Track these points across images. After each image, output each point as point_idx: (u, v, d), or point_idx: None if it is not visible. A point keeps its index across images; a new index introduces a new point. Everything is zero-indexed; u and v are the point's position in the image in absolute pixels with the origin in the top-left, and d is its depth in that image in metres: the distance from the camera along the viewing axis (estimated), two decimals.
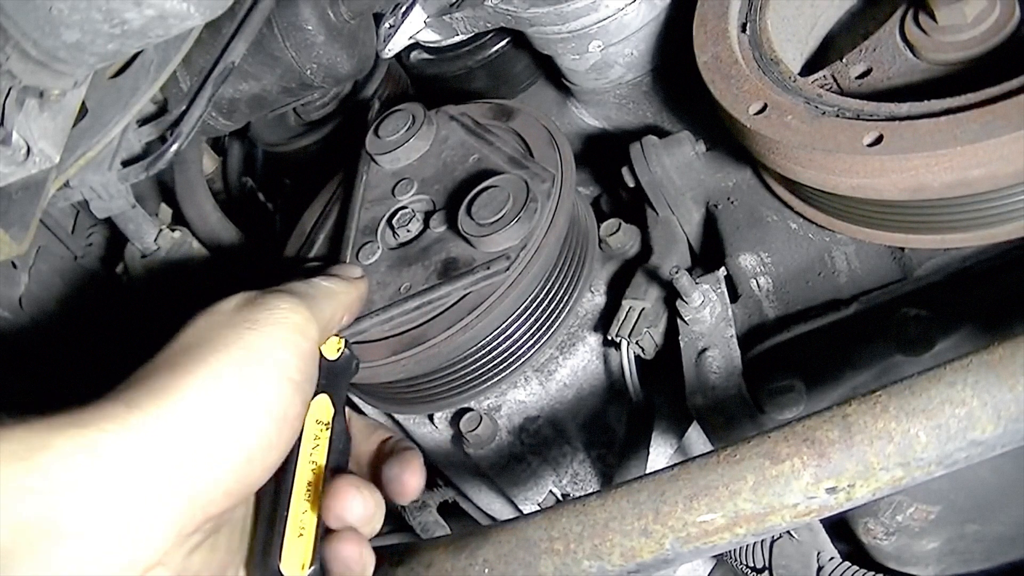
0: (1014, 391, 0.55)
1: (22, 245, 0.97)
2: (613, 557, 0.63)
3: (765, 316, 1.03)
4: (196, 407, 0.58)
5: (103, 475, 0.54)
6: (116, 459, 0.54)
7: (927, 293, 0.92)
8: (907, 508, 0.95)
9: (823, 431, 0.60)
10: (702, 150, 1.13)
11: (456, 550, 0.69)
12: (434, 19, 1.28)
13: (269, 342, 0.65)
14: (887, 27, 0.98)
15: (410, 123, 1.21)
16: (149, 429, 0.56)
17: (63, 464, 0.53)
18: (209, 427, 0.58)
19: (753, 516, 0.60)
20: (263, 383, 0.63)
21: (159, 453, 0.56)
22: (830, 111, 0.89)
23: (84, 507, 0.53)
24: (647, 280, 1.08)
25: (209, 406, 0.59)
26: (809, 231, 1.03)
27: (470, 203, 1.05)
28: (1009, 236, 0.88)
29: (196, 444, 0.58)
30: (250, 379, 0.62)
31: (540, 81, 1.41)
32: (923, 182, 0.82)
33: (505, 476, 1.15)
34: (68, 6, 0.82)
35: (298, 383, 0.65)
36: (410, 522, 1.32)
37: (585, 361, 1.14)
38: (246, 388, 0.61)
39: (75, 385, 1.35)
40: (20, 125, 0.88)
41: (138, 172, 1.19)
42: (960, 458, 0.57)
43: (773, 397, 0.93)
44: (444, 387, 1.10)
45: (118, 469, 0.54)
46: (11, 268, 1.39)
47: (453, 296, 1.03)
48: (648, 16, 1.17)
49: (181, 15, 0.84)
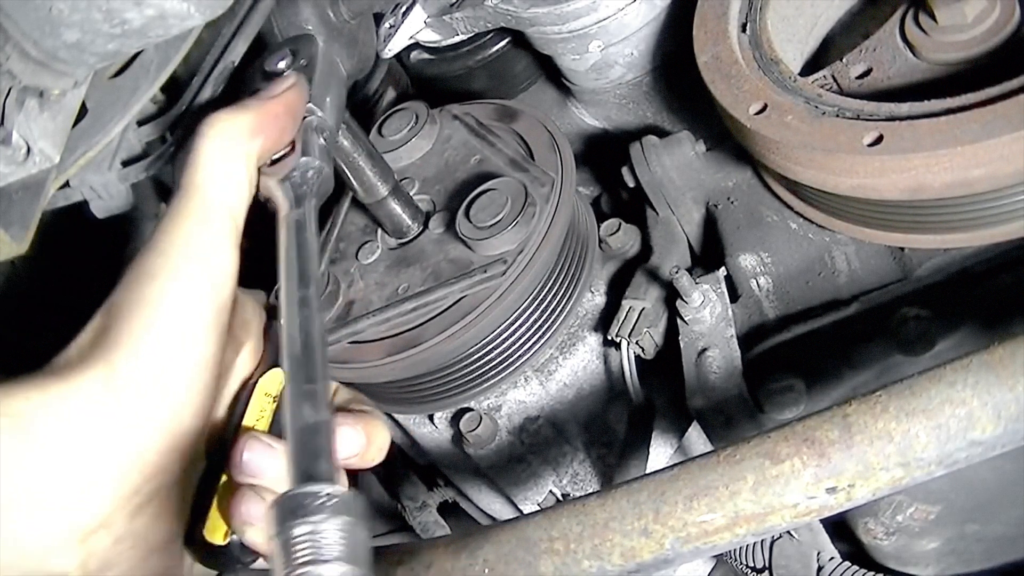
0: (1014, 391, 0.55)
1: (22, 245, 0.97)
2: (613, 557, 0.63)
3: (765, 316, 1.03)
4: (118, 372, 0.58)
5: (28, 445, 0.54)
6: (41, 429, 0.55)
7: (927, 293, 0.92)
8: (907, 508, 0.95)
9: (823, 431, 0.60)
10: (702, 150, 1.13)
11: (456, 550, 0.69)
12: (434, 19, 1.28)
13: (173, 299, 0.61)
14: (887, 27, 0.98)
15: (413, 122, 1.21)
16: (73, 397, 0.56)
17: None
18: (130, 391, 0.58)
19: (753, 516, 0.60)
20: (178, 337, 0.60)
21: (84, 419, 0.56)
22: (830, 111, 0.89)
23: (7, 476, 0.53)
24: (647, 280, 1.08)
25: (129, 370, 0.58)
26: (809, 231, 1.03)
27: (469, 205, 1.05)
28: (1009, 236, 0.88)
29: (120, 406, 0.57)
30: (166, 335, 0.59)
31: (540, 81, 1.41)
32: (923, 182, 0.82)
33: (505, 476, 1.15)
34: (68, 6, 0.82)
35: (211, 327, 0.62)
36: (410, 522, 1.33)
37: (585, 361, 1.14)
38: (162, 346, 0.59)
39: None
40: (20, 125, 0.88)
41: (138, 172, 1.19)
42: (960, 458, 0.57)
43: (773, 397, 0.93)
44: (444, 387, 1.10)
45: (44, 438, 0.55)
46: (11, 267, 1.39)
47: (449, 299, 1.03)
48: (648, 16, 1.17)
49: (181, 15, 0.84)
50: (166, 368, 0.60)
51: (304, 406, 0.57)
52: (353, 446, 0.66)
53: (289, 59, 0.84)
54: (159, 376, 0.59)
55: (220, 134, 0.67)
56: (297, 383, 0.58)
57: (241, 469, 0.63)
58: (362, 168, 1.02)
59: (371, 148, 1.03)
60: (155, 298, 0.61)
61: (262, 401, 0.71)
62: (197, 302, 0.62)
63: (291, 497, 0.50)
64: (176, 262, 0.62)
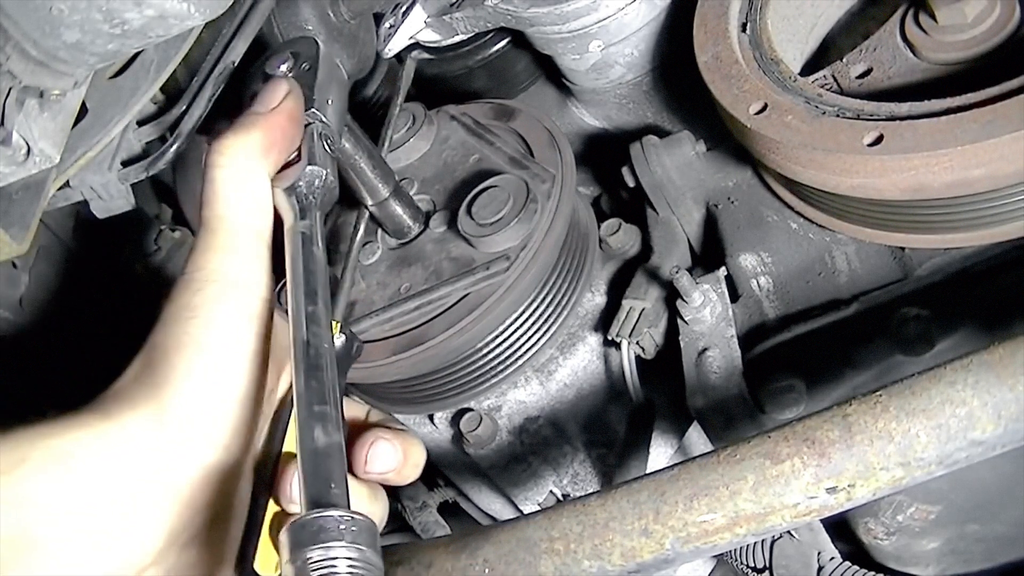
0: (1014, 391, 0.55)
1: (22, 245, 0.97)
2: (613, 557, 0.63)
3: (765, 316, 1.03)
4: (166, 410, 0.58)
5: (79, 484, 0.54)
6: (92, 467, 0.55)
7: (927, 293, 0.92)
8: (907, 508, 0.95)
9: (823, 431, 0.60)
10: (702, 150, 1.13)
11: (456, 550, 0.69)
12: (434, 19, 1.28)
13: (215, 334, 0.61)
14: (887, 27, 0.98)
15: (411, 123, 1.22)
16: (122, 436, 0.57)
17: (38, 476, 0.53)
18: (179, 428, 0.58)
19: (753, 516, 0.60)
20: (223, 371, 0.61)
21: (133, 457, 0.56)
22: (830, 111, 0.89)
23: (62, 517, 0.53)
24: (647, 280, 1.08)
25: (177, 408, 0.59)
26: (809, 231, 1.03)
27: (470, 203, 1.05)
28: (1009, 236, 0.88)
29: (168, 444, 0.58)
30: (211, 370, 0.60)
31: (540, 81, 1.41)
32: (923, 182, 0.82)
33: (505, 476, 1.15)
34: (68, 6, 0.82)
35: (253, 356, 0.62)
36: (410, 522, 1.32)
37: (585, 361, 1.14)
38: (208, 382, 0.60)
39: (75, 385, 1.35)
40: (20, 125, 0.88)
41: (138, 172, 1.19)
42: (960, 458, 0.57)
43: (773, 397, 0.93)
44: (444, 387, 1.10)
45: (95, 476, 0.55)
46: (11, 268, 1.39)
47: (453, 296, 1.03)
48: (648, 16, 1.17)
49: (181, 15, 0.84)
50: (211, 405, 0.60)
51: (315, 428, 0.56)
52: (390, 461, 0.66)
53: (290, 62, 0.83)
54: (205, 413, 0.60)
55: (233, 161, 0.66)
56: (307, 405, 0.57)
57: (291, 498, 0.63)
58: (363, 170, 1.02)
59: (372, 149, 1.03)
60: (197, 336, 0.61)
61: None
62: (237, 336, 0.62)
63: (303, 524, 0.50)
64: (213, 297, 0.62)
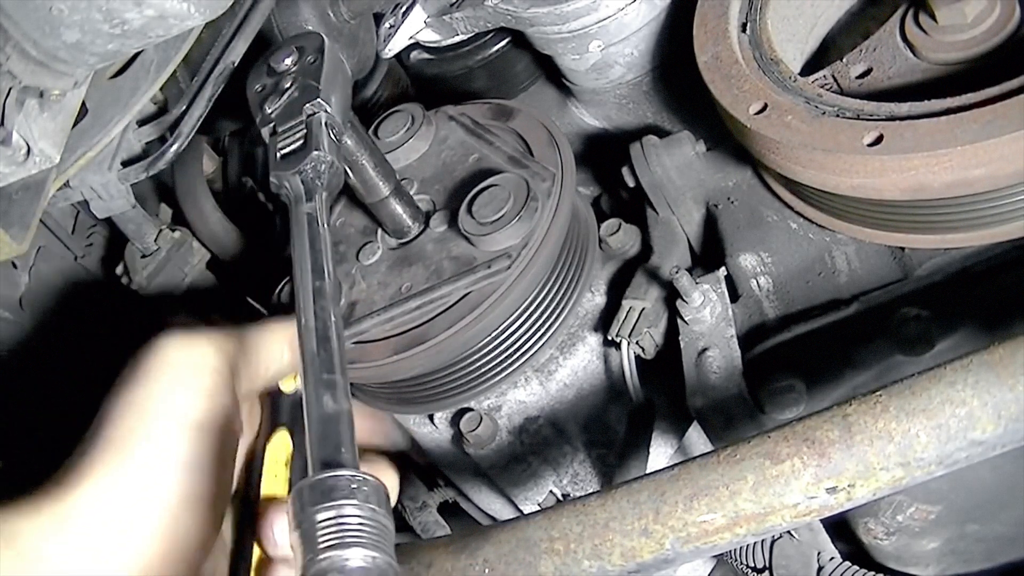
0: (1014, 391, 0.55)
1: (22, 245, 0.97)
2: (613, 557, 0.63)
3: (765, 316, 1.03)
4: (105, 494, 0.59)
5: (31, 567, 0.56)
6: (41, 550, 0.57)
7: (927, 293, 0.92)
8: (907, 508, 0.95)
9: (823, 431, 0.60)
10: (702, 150, 1.13)
11: (456, 550, 0.69)
12: (434, 19, 1.28)
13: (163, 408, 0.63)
14: (887, 27, 0.98)
15: (409, 123, 1.22)
16: (66, 516, 0.58)
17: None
18: (120, 504, 0.59)
19: (753, 516, 0.60)
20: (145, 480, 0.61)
21: (81, 537, 0.58)
22: (830, 111, 0.89)
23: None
24: (647, 280, 1.08)
25: (118, 491, 0.60)
26: (809, 231, 1.03)
27: (471, 202, 1.05)
28: (1009, 236, 0.88)
29: (113, 520, 0.59)
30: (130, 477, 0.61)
31: (540, 81, 1.41)
32: (923, 182, 0.82)
33: (505, 476, 1.15)
34: (68, 6, 0.82)
35: (207, 426, 0.63)
36: (410, 522, 1.32)
37: (585, 361, 1.14)
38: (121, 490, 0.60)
39: (75, 385, 1.35)
40: (20, 125, 0.88)
41: (138, 172, 1.19)
42: (960, 458, 0.57)
43: (773, 397, 0.93)
44: (444, 387, 1.10)
45: (45, 559, 0.56)
46: (11, 268, 1.39)
47: (454, 295, 1.03)
48: (648, 16, 1.17)
49: (181, 15, 0.84)
50: (152, 481, 0.61)
51: (324, 395, 0.57)
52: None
53: (295, 56, 0.83)
54: (147, 489, 0.60)
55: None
56: (316, 373, 0.58)
57: (274, 543, 0.64)
58: (365, 167, 1.02)
59: (374, 147, 1.03)
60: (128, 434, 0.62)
61: (274, 466, 0.71)
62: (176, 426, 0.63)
63: (314, 483, 0.50)
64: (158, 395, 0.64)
